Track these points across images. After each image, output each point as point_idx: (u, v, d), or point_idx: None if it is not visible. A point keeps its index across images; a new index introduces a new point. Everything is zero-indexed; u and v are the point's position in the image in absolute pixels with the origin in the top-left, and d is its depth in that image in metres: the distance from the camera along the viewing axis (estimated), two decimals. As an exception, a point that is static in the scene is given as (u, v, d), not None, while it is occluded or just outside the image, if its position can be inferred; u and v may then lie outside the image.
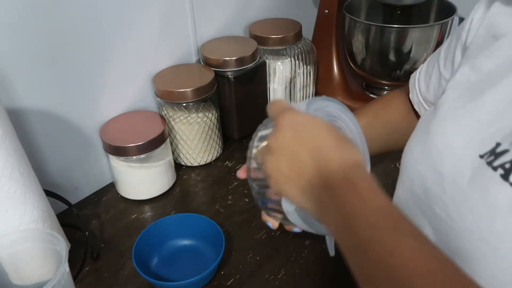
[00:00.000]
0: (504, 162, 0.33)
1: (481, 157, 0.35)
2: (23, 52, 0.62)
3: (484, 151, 0.35)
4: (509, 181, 0.32)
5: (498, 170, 0.33)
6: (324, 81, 1.02)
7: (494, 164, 0.33)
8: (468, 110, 0.38)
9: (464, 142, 0.37)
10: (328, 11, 0.97)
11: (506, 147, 0.33)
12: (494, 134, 0.35)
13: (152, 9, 0.76)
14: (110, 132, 0.73)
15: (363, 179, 0.34)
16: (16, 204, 0.54)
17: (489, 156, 0.34)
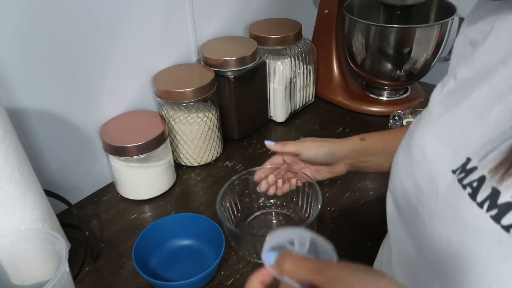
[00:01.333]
0: (472, 181, 0.32)
1: (454, 173, 0.34)
2: (23, 52, 0.62)
3: (456, 166, 0.34)
4: (477, 201, 0.31)
5: (467, 188, 0.32)
6: (324, 81, 1.02)
7: (464, 182, 0.33)
8: (443, 120, 0.38)
9: (438, 154, 0.37)
10: (328, 11, 0.97)
11: (475, 164, 0.32)
12: (465, 148, 0.34)
13: (152, 9, 0.76)
14: (110, 132, 0.73)
15: None
16: (16, 204, 0.54)
17: (460, 172, 0.33)
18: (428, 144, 0.38)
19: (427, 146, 0.38)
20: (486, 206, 0.31)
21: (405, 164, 0.41)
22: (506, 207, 0.29)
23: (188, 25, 0.84)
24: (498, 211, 0.30)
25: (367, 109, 0.97)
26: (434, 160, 0.37)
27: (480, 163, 0.32)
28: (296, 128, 0.95)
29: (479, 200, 0.31)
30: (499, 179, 0.30)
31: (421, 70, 0.91)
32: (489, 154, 0.32)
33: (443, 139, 0.37)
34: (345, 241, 0.68)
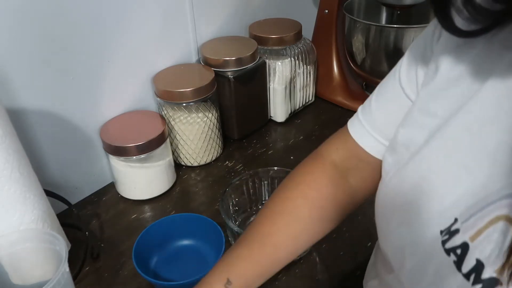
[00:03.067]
0: (455, 247, 0.30)
1: (441, 233, 0.31)
2: (23, 52, 0.62)
3: (444, 227, 0.31)
4: (462, 272, 0.29)
5: (451, 255, 0.30)
6: (324, 81, 1.02)
7: (446, 246, 0.31)
8: (427, 170, 0.34)
9: (425, 210, 0.33)
10: (328, 11, 0.97)
11: (458, 226, 0.30)
12: (453, 207, 0.31)
13: (152, 9, 0.76)
14: (110, 132, 0.73)
15: None
16: (16, 204, 0.54)
17: (445, 233, 0.31)
18: (411, 196, 0.35)
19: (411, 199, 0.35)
20: (472, 279, 0.29)
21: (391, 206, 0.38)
22: (490, 283, 0.28)
23: (188, 25, 0.84)
24: (483, 287, 0.28)
25: (367, 109, 0.97)
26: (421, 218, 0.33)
27: (463, 225, 0.30)
28: (296, 128, 0.95)
29: (465, 272, 0.29)
30: (482, 250, 0.28)
31: (421, 70, 0.91)
32: (471, 217, 0.30)
33: (429, 191, 0.33)
34: (345, 241, 0.68)
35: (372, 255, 0.52)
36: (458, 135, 0.33)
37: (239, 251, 0.46)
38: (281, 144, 0.89)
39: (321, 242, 0.67)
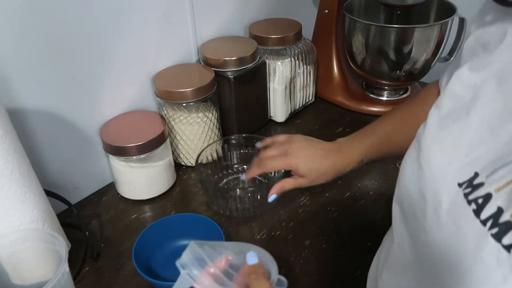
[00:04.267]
0: (478, 197, 0.31)
1: (460, 186, 0.33)
2: (23, 52, 0.62)
3: (463, 180, 0.33)
4: (480, 218, 0.31)
5: (471, 204, 0.32)
6: (324, 81, 1.02)
7: (469, 198, 0.32)
8: (452, 131, 0.37)
9: (444, 166, 0.36)
10: (328, 11, 0.97)
11: (482, 180, 0.32)
12: (473, 162, 0.33)
13: (152, 9, 0.76)
14: (110, 132, 0.73)
15: None
16: (16, 204, 0.54)
17: (466, 186, 0.33)
18: (435, 154, 0.37)
19: (433, 156, 0.37)
20: (489, 225, 0.30)
21: (412, 171, 0.40)
22: (506, 226, 0.29)
23: (188, 25, 0.84)
24: (499, 230, 0.29)
25: (367, 109, 0.97)
26: (440, 172, 0.36)
27: (488, 179, 0.32)
28: (296, 128, 0.95)
29: (483, 218, 0.30)
30: (506, 198, 0.30)
31: (421, 70, 0.91)
32: (497, 171, 0.31)
33: (451, 150, 0.36)
34: (345, 241, 0.68)
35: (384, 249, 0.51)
36: (489, 98, 0.35)
37: (371, 139, 0.62)
38: (281, 144, 0.89)
39: (321, 242, 0.67)
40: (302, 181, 0.62)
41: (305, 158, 0.61)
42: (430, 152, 0.38)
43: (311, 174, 0.61)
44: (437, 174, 0.36)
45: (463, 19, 0.88)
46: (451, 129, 0.37)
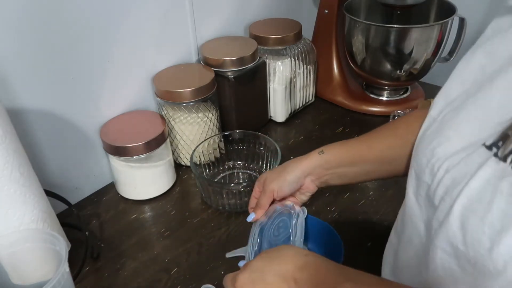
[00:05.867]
0: (501, 145, 0.32)
1: (489, 149, 0.34)
2: (23, 52, 0.62)
3: (490, 142, 0.34)
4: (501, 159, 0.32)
5: (492, 149, 0.33)
6: (324, 81, 1.02)
7: (499, 155, 0.33)
8: (477, 100, 0.38)
9: (474, 135, 0.36)
10: (328, 11, 0.97)
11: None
12: (501, 124, 0.34)
13: (152, 9, 0.76)
14: (110, 132, 0.73)
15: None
16: (16, 204, 0.54)
17: (493, 147, 0.34)
18: (462, 123, 0.38)
19: (461, 125, 0.38)
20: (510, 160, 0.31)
21: (435, 142, 0.40)
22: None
23: (188, 25, 0.84)
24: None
25: (367, 109, 0.97)
26: (469, 140, 0.36)
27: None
28: (296, 128, 0.95)
29: (501, 155, 0.31)
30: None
31: (421, 70, 0.91)
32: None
33: (479, 118, 0.37)
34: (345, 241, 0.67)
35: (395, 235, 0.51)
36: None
37: (339, 142, 0.59)
38: (281, 144, 0.89)
39: (321, 242, 0.67)
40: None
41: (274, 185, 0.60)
42: (457, 120, 0.38)
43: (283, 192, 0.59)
44: (464, 141, 0.37)
45: (463, 19, 0.88)
46: (476, 96, 0.38)
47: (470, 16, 0.88)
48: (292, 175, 0.58)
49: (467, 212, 0.34)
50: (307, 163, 0.58)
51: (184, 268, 0.64)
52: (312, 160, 0.58)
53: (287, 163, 0.60)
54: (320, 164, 0.57)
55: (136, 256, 0.67)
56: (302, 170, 0.58)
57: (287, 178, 0.58)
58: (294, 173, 0.58)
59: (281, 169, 0.60)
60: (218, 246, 0.68)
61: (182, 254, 0.67)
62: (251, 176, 0.82)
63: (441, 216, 0.37)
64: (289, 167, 0.59)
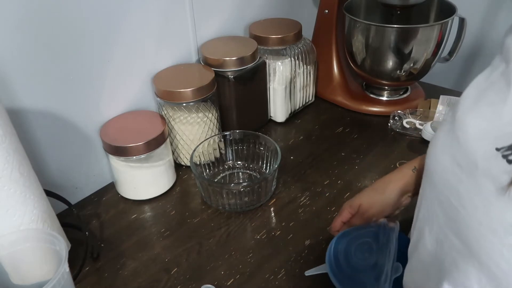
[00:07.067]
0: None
1: (498, 150, 0.34)
2: (23, 53, 0.62)
3: (502, 145, 0.34)
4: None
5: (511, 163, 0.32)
6: (324, 81, 1.02)
7: (509, 158, 0.33)
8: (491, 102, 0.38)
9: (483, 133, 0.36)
10: (328, 11, 0.97)
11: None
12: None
13: (152, 9, 0.76)
14: (110, 132, 0.73)
15: None
16: (16, 204, 0.54)
17: (506, 150, 0.33)
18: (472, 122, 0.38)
19: (470, 124, 0.38)
20: None
21: (445, 143, 0.41)
22: None
23: (188, 25, 0.84)
24: None
25: (367, 109, 0.97)
26: (477, 139, 0.37)
27: None
28: (296, 128, 0.95)
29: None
30: None
31: (421, 70, 0.91)
32: None
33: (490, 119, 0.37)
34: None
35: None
36: None
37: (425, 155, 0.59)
38: (281, 144, 0.89)
39: (321, 242, 0.67)
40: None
41: (366, 208, 0.60)
42: (467, 121, 0.39)
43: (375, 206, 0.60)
44: (473, 141, 0.37)
45: (463, 19, 0.88)
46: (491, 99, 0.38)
47: (470, 16, 0.88)
48: (391, 199, 0.58)
49: None
50: (402, 182, 0.58)
51: (184, 268, 0.65)
52: (407, 178, 0.58)
53: (380, 184, 0.60)
54: (415, 181, 0.58)
55: (136, 256, 0.67)
56: (401, 190, 0.58)
57: (388, 203, 0.58)
58: (394, 195, 0.58)
59: (376, 192, 0.60)
60: (218, 246, 0.68)
61: (182, 254, 0.67)
62: (251, 176, 0.82)
63: None
64: (386, 190, 0.59)
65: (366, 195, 0.61)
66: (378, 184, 0.61)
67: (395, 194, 0.58)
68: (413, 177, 0.58)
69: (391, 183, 0.59)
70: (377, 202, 0.59)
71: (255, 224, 0.71)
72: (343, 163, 0.83)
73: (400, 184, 0.58)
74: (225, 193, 0.71)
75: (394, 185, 0.59)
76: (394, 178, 0.60)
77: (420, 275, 0.44)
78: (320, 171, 0.81)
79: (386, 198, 0.59)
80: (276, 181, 0.77)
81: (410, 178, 0.58)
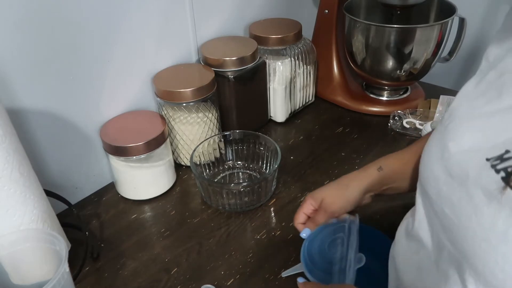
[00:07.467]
0: (508, 166, 0.33)
1: (488, 160, 0.35)
2: (23, 53, 0.62)
3: (492, 156, 0.35)
4: (510, 184, 0.32)
5: (500, 172, 0.33)
6: (324, 81, 1.02)
7: (497, 167, 0.33)
8: (483, 113, 0.38)
9: (475, 144, 0.37)
10: (328, 11, 0.97)
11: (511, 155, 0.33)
12: (505, 142, 0.35)
13: (152, 9, 0.76)
14: (110, 132, 0.73)
15: None
16: (16, 204, 0.54)
17: (495, 160, 0.34)
18: (464, 133, 0.39)
19: (462, 135, 0.39)
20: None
21: (437, 152, 0.41)
22: None
23: (188, 25, 0.84)
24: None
25: (367, 109, 0.97)
26: (467, 150, 0.37)
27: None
28: (296, 128, 0.95)
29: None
30: None
31: (421, 70, 0.91)
32: None
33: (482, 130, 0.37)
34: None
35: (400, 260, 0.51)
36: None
37: (393, 155, 0.60)
38: (281, 144, 0.89)
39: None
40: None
41: (328, 203, 0.59)
42: (459, 133, 0.39)
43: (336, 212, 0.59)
44: (465, 152, 0.37)
45: (463, 19, 0.88)
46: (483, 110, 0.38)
47: (470, 16, 0.89)
48: (354, 196, 0.58)
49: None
50: (366, 181, 0.59)
51: (184, 268, 0.65)
52: (373, 179, 0.59)
53: (344, 180, 0.60)
54: (379, 181, 0.58)
55: (136, 256, 0.67)
56: (364, 188, 0.59)
57: (350, 200, 0.58)
58: (356, 193, 0.58)
59: (340, 187, 0.60)
60: (218, 246, 0.68)
61: (182, 254, 0.67)
62: (251, 176, 0.82)
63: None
64: (349, 186, 0.59)
65: (329, 190, 0.61)
66: (343, 180, 0.61)
67: (358, 192, 0.59)
68: (378, 177, 0.59)
69: (355, 181, 0.60)
70: (340, 198, 0.59)
71: (255, 224, 0.71)
72: (343, 163, 0.83)
73: (364, 182, 0.59)
74: (225, 193, 0.71)
75: (357, 183, 0.59)
76: (359, 176, 0.60)
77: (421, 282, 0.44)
78: (320, 171, 0.81)
79: (349, 194, 0.59)
80: (276, 181, 0.77)
81: (374, 178, 0.59)
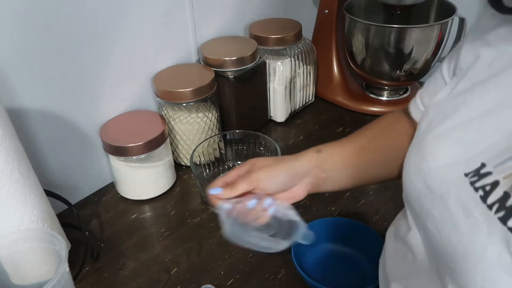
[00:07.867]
0: (485, 184, 0.33)
1: (466, 176, 0.35)
2: (23, 53, 0.62)
3: (469, 170, 0.35)
4: (487, 203, 0.32)
5: (478, 191, 0.33)
6: (324, 81, 1.02)
7: (476, 185, 0.33)
8: (457, 124, 0.38)
9: (452, 158, 0.37)
10: (328, 11, 0.97)
11: (489, 170, 0.33)
12: (481, 153, 0.35)
13: (152, 9, 0.76)
14: (110, 132, 0.73)
15: None
16: (16, 204, 0.54)
17: (473, 175, 0.34)
18: (441, 147, 0.38)
19: (439, 150, 0.38)
20: (495, 208, 0.31)
21: (416, 165, 0.41)
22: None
23: (188, 25, 0.84)
24: (505, 213, 0.30)
25: (367, 109, 0.97)
26: (445, 164, 0.37)
27: (496, 169, 0.33)
28: (296, 128, 0.95)
29: (489, 203, 0.32)
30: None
31: (421, 70, 0.91)
32: (506, 162, 0.32)
33: (458, 142, 0.37)
34: (345, 241, 0.68)
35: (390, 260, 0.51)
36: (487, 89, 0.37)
37: (335, 142, 0.55)
38: (281, 144, 0.89)
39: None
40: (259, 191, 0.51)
41: (262, 174, 0.51)
42: (436, 146, 0.39)
43: (268, 186, 0.51)
44: (443, 167, 0.37)
45: (463, 19, 0.88)
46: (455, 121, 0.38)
47: (470, 16, 0.88)
48: (286, 172, 0.51)
49: None
50: (305, 162, 0.51)
51: (184, 268, 0.65)
52: (310, 159, 0.52)
53: (282, 157, 0.53)
54: (318, 164, 0.51)
55: (136, 256, 0.67)
56: (299, 169, 0.51)
57: (280, 173, 0.50)
58: (290, 170, 0.51)
59: (276, 161, 0.52)
60: (218, 246, 0.68)
61: (182, 254, 0.67)
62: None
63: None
64: (285, 162, 0.51)
65: (264, 158, 0.53)
66: (281, 156, 0.54)
67: (292, 171, 0.51)
68: (316, 160, 0.52)
69: (291, 159, 0.52)
70: (271, 169, 0.50)
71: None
72: (343, 163, 0.83)
73: (300, 162, 0.52)
74: None
75: (293, 161, 0.52)
76: (297, 155, 0.52)
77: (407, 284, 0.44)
78: (320, 171, 0.81)
79: (281, 169, 0.51)
80: (276, 181, 0.77)
81: (313, 160, 0.52)
